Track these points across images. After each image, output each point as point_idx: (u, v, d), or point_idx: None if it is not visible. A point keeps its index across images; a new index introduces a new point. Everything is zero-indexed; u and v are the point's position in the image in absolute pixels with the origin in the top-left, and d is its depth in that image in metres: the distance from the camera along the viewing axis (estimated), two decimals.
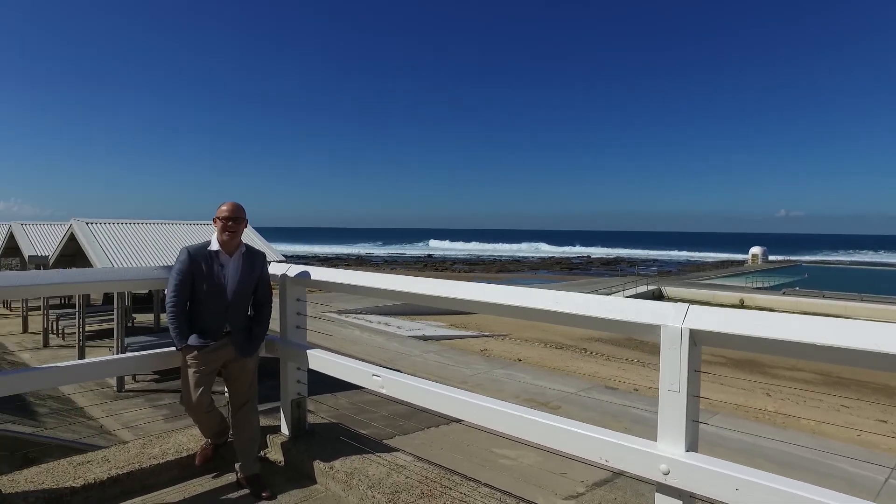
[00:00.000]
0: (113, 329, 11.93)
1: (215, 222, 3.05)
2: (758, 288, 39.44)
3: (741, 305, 29.95)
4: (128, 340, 11.09)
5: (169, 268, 3.05)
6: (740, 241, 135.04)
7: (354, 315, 21.97)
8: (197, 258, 2.97)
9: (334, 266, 65.33)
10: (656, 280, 42.71)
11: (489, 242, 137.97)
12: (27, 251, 15.38)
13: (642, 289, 37.40)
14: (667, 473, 1.77)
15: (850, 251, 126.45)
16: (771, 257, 67.27)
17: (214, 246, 3.03)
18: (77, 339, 12.24)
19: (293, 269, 3.23)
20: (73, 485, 2.76)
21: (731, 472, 1.65)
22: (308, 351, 3.09)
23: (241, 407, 3.10)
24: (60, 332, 15.52)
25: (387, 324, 20.29)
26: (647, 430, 2.09)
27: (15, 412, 6.70)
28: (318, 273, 3.13)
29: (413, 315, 22.98)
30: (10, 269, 22.12)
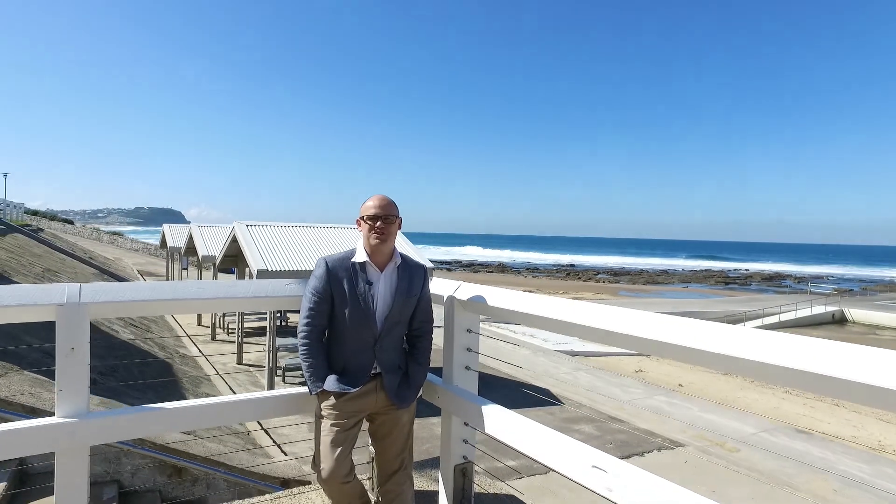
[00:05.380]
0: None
1: (359, 224, 2.30)
2: None
3: None
4: (279, 342, 11.26)
5: (303, 283, 2.35)
6: None
7: (497, 324, 21.18)
8: (337, 272, 2.24)
9: (476, 273, 65.47)
10: (837, 300, 36.68)
11: (621, 255, 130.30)
12: (201, 251, 16.64)
13: (818, 310, 32.38)
14: None
15: None
16: None
17: (360, 256, 2.28)
18: (237, 335, 12.81)
19: (464, 290, 2.38)
20: None
21: None
22: (483, 407, 2.20)
23: (391, 475, 2.31)
24: (225, 327, 16.66)
25: (532, 335, 19.23)
26: (874, 499, 0.93)
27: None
28: (500, 298, 2.23)
29: None
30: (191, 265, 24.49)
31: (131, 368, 7.55)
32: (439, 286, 2.51)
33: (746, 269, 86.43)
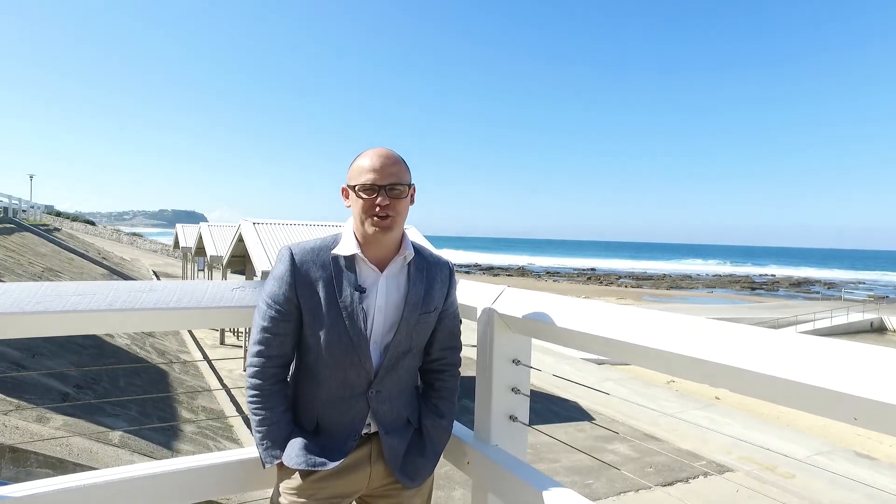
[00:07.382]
0: None
1: (345, 195, 1.45)
2: None
3: None
4: None
5: (260, 286, 1.51)
6: None
7: None
8: (308, 271, 1.39)
9: (496, 277, 64.30)
10: (874, 307, 34.98)
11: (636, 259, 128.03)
12: (210, 251, 16.05)
13: (856, 317, 30.87)
14: None
15: None
16: None
17: (347, 247, 1.42)
18: (245, 340, 12.13)
19: (511, 299, 1.52)
20: None
21: None
22: (544, 493, 1.34)
23: None
24: (235, 330, 16.01)
25: None
26: None
27: (159, 424, 5.96)
28: (564, 312, 1.36)
29: None
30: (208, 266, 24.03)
31: (118, 379, 6.82)
32: (471, 293, 1.66)
33: (773, 275, 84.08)
